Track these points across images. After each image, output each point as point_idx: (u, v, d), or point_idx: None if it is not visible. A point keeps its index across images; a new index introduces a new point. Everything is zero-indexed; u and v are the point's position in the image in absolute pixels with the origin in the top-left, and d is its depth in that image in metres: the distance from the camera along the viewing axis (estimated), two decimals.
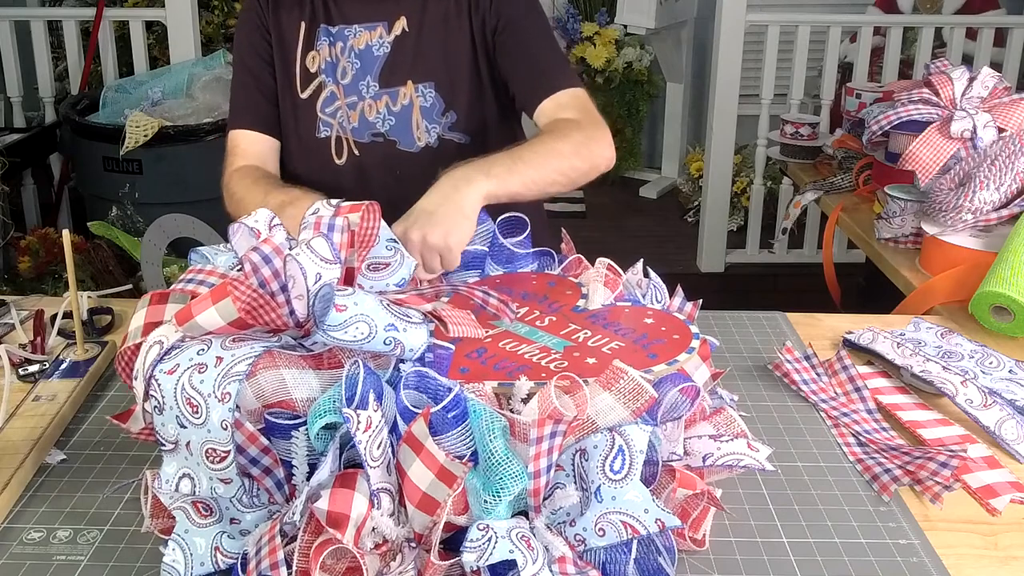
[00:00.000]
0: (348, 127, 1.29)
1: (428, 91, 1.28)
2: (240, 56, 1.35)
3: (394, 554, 0.70)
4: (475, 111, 1.31)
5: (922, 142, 1.64)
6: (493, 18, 1.28)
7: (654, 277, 0.98)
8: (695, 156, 4.02)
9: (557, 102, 1.23)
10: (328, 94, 1.30)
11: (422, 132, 1.29)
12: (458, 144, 1.30)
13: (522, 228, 1.02)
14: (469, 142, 1.31)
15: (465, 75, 1.30)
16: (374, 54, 1.28)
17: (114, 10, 3.16)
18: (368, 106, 1.29)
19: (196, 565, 0.73)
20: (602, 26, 4.18)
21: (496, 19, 1.28)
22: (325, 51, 1.29)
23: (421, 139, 1.29)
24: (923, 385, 1.06)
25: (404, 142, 1.30)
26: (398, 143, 1.30)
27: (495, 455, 0.68)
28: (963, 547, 0.81)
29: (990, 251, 1.37)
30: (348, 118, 1.29)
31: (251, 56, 1.33)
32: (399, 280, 0.86)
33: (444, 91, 1.29)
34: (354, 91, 1.29)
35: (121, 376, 0.82)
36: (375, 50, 1.28)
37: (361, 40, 1.28)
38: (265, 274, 0.73)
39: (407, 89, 1.28)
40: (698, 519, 0.78)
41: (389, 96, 1.29)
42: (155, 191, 2.75)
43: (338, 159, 1.31)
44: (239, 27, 1.36)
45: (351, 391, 0.69)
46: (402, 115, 1.29)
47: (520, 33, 1.28)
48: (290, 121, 1.32)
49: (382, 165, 1.30)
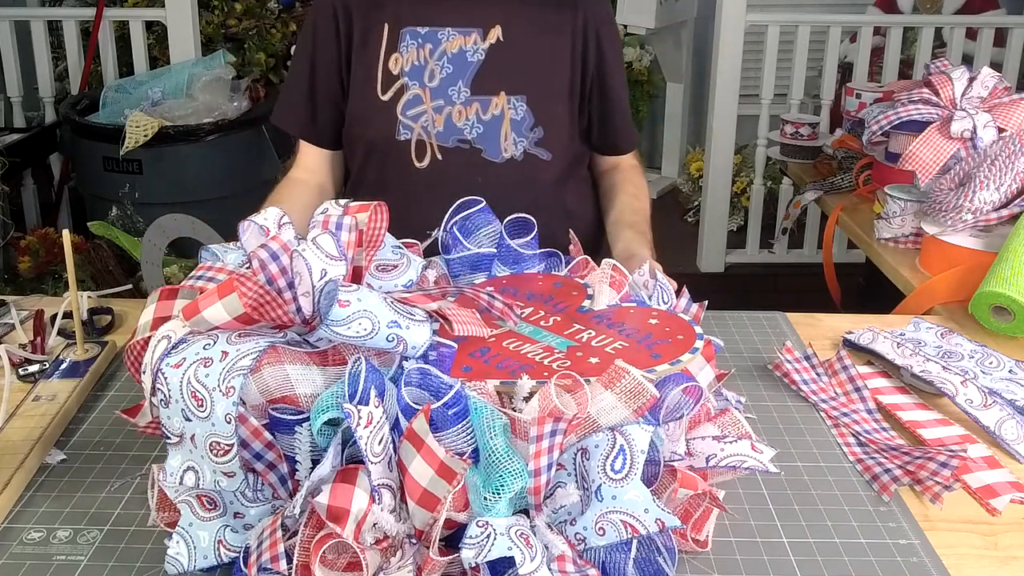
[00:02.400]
0: (432, 131, 1.28)
1: (520, 104, 1.29)
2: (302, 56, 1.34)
3: (394, 550, 0.70)
4: (562, 130, 1.32)
5: (922, 142, 1.64)
6: (596, 55, 1.33)
7: (661, 278, 0.98)
8: (695, 156, 4.02)
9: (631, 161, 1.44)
10: (411, 97, 1.28)
11: (509, 144, 1.29)
12: (541, 160, 1.31)
13: (529, 229, 1.03)
14: (551, 159, 1.32)
15: (558, 94, 1.31)
16: (467, 60, 1.28)
17: (114, 10, 3.16)
18: (457, 112, 1.28)
19: (199, 558, 0.73)
20: None
21: (598, 58, 1.33)
22: (412, 54, 1.28)
23: (507, 151, 1.29)
24: (923, 385, 1.06)
25: (490, 151, 1.29)
26: (484, 152, 1.29)
27: (496, 452, 0.68)
28: (963, 547, 0.81)
29: (990, 251, 1.37)
30: (433, 122, 1.28)
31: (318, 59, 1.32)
32: (407, 281, 0.87)
33: (535, 106, 1.29)
34: (442, 95, 1.28)
35: (129, 370, 0.82)
36: (468, 56, 1.28)
37: (455, 44, 1.28)
38: (272, 271, 0.74)
39: (499, 99, 1.28)
40: (700, 520, 0.78)
41: (480, 104, 1.28)
42: (155, 191, 2.75)
43: (419, 162, 1.30)
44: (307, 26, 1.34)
45: (354, 387, 0.69)
46: (492, 124, 1.29)
47: (616, 81, 1.36)
48: (367, 123, 1.31)
49: (464, 172, 1.29)
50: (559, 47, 1.31)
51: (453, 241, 1.00)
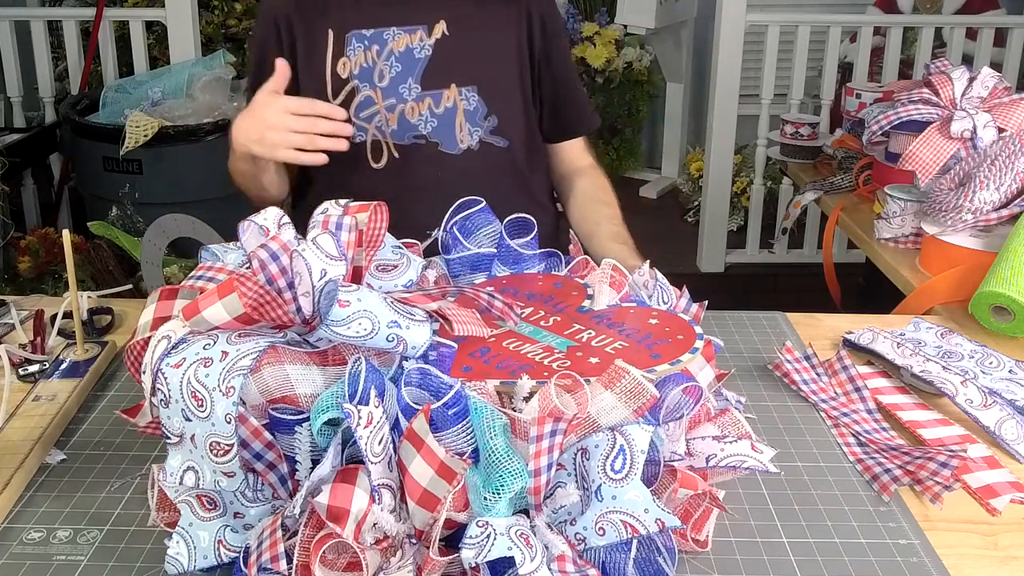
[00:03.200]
0: (387, 130, 1.30)
1: (471, 94, 1.30)
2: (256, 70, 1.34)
3: (394, 550, 0.70)
4: (516, 118, 1.34)
5: (922, 142, 1.64)
6: (541, 41, 1.34)
7: (661, 278, 0.98)
8: (695, 156, 4.02)
9: (582, 144, 1.45)
10: (363, 99, 1.29)
11: (465, 135, 1.30)
12: (498, 148, 1.33)
13: (529, 229, 1.03)
14: (508, 146, 1.33)
15: (508, 81, 1.33)
16: (415, 56, 1.29)
17: (114, 10, 3.16)
18: (410, 108, 1.29)
19: (199, 558, 0.73)
20: (602, 26, 4.18)
21: (543, 43, 1.35)
22: (360, 56, 1.29)
23: (464, 141, 1.31)
24: (923, 385, 1.06)
25: (446, 144, 1.31)
26: (440, 145, 1.31)
27: (496, 452, 0.68)
28: (963, 547, 0.81)
29: (990, 251, 1.37)
30: (387, 121, 1.29)
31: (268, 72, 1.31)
32: (407, 281, 0.87)
33: (487, 95, 1.31)
34: (393, 93, 1.29)
35: (129, 370, 0.82)
36: (416, 52, 1.29)
37: (401, 43, 1.29)
38: (272, 271, 0.74)
39: (451, 92, 1.29)
40: (700, 520, 0.78)
41: (432, 98, 1.29)
42: (155, 191, 2.75)
43: (375, 162, 1.31)
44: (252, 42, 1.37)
45: (353, 387, 0.69)
46: (445, 117, 1.30)
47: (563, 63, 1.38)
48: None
49: (423, 167, 1.31)
50: (505, 37, 1.33)
51: (453, 241, 1.00)
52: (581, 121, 1.43)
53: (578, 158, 1.44)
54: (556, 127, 1.42)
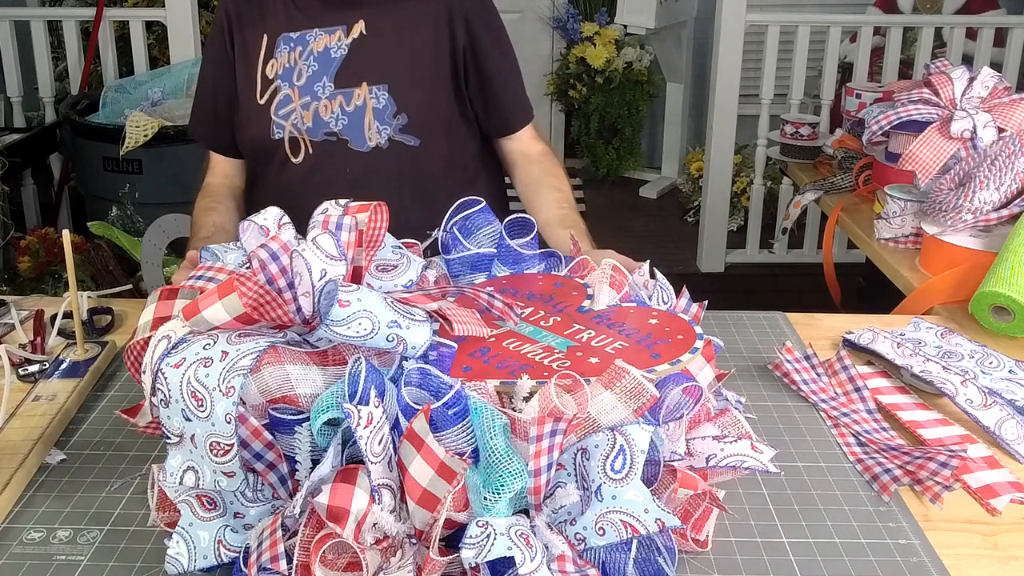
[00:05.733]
0: (303, 127, 1.33)
1: (381, 93, 1.32)
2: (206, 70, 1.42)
3: (394, 550, 0.70)
4: (431, 116, 1.34)
5: (922, 142, 1.64)
6: (465, 39, 1.35)
7: (660, 278, 0.98)
8: (695, 156, 4.03)
9: (530, 134, 1.43)
10: (283, 97, 1.33)
11: (373, 133, 1.32)
12: (409, 147, 1.33)
13: (529, 229, 1.03)
14: (420, 145, 1.33)
15: (422, 80, 1.34)
16: (331, 56, 1.32)
17: (114, 10, 3.16)
18: (323, 106, 1.32)
19: (199, 558, 0.73)
20: (602, 26, 4.18)
21: (469, 41, 1.35)
22: (284, 57, 1.33)
23: (372, 140, 1.32)
24: (923, 385, 1.06)
25: (355, 142, 1.33)
26: (350, 142, 1.33)
27: (496, 452, 0.68)
28: (963, 547, 0.81)
29: (990, 251, 1.37)
30: (302, 118, 1.33)
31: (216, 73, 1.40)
32: (407, 281, 0.87)
33: (397, 93, 1.32)
34: (308, 92, 1.32)
35: (129, 370, 0.82)
36: (332, 52, 1.32)
37: (320, 43, 1.32)
38: (272, 271, 0.74)
39: (361, 91, 1.31)
40: (700, 520, 0.78)
41: (343, 96, 1.32)
42: (155, 191, 2.75)
43: (295, 158, 1.34)
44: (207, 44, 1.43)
45: (353, 387, 0.69)
46: (355, 115, 1.32)
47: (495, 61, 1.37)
48: (248, 127, 1.36)
49: (334, 164, 1.33)
50: (422, 36, 1.34)
51: (453, 241, 1.00)
52: (516, 118, 1.42)
53: (527, 148, 1.43)
54: (494, 123, 1.42)
